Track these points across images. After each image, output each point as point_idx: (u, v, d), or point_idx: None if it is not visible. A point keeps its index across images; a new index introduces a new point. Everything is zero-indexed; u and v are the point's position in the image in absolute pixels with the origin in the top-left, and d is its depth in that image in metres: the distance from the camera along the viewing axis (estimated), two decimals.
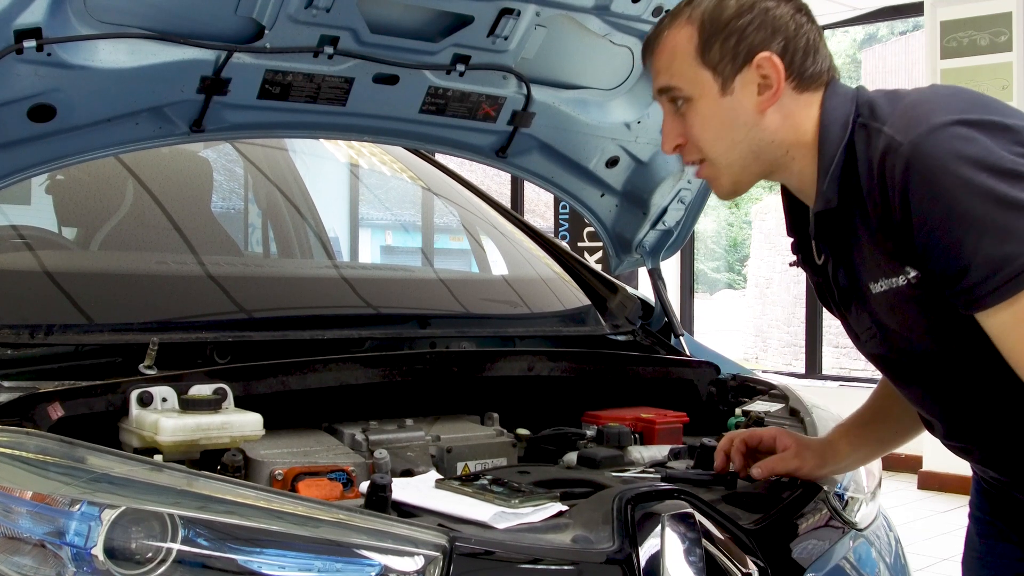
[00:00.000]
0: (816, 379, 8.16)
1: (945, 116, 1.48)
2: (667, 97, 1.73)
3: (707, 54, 1.66)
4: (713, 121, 1.69)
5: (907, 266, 1.54)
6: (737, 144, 1.68)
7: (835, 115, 1.64)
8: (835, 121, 1.63)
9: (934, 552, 5.32)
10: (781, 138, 1.67)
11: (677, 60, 1.69)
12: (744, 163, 1.70)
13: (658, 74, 1.73)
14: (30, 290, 2.18)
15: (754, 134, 1.67)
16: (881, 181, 1.52)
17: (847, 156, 1.59)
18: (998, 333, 1.48)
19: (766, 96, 1.65)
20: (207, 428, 1.75)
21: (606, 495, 1.69)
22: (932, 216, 1.46)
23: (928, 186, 1.46)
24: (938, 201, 1.45)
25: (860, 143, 1.58)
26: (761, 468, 1.96)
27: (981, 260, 1.43)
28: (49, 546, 1.40)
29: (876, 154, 1.53)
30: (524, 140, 2.52)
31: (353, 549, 1.44)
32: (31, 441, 1.55)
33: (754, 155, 1.69)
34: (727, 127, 1.68)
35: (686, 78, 1.69)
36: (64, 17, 1.82)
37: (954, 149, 1.45)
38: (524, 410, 2.33)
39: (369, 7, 2.07)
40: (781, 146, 1.68)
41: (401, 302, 2.68)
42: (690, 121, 1.70)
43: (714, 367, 2.57)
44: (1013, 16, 6.53)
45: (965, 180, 1.43)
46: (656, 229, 2.74)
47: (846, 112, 1.63)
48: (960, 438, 1.74)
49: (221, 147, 3.22)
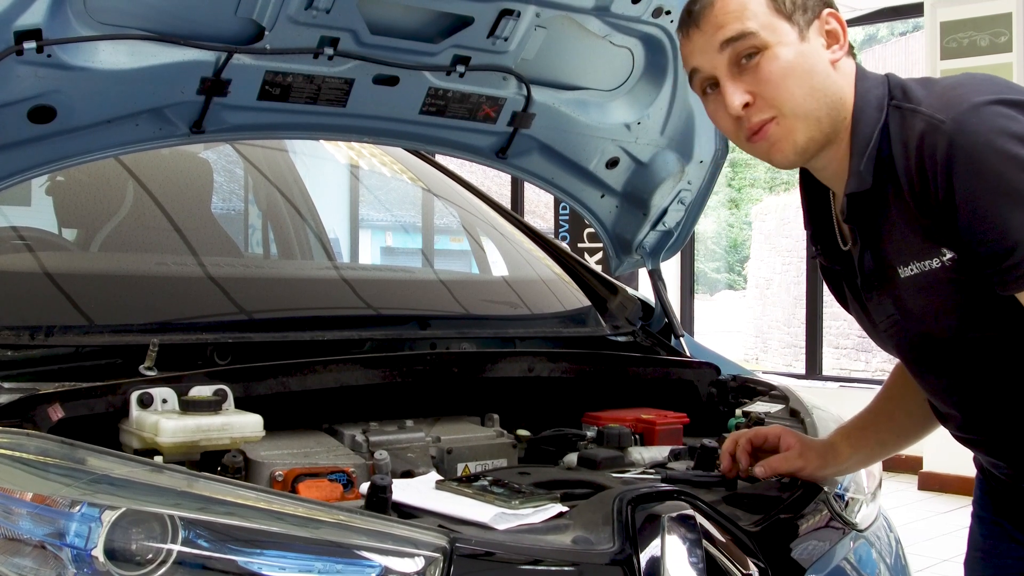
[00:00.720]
0: (816, 380, 8.16)
1: (985, 96, 1.48)
2: (733, 50, 1.63)
3: (782, 4, 1.62)
4: (795, 67, 1.61)
5: (943, 247, 1.53)
6: (816, 92, 1.62)
7: (869, 95, 1.62)
8: (869, 101, 1.61)
9: (935, 553, 5.32)
10: (845, 99, 1.63)
11: (750, 8, 1.62)
12: (819, 116, 1.63)
13: (724, 25, 1.63)
14: (30, 291, 2.18)
15: (830, 85, 1.62)
16: (920, 161, 1.51)
17: (882, 137, 1.58)
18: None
19: (835, 50, 1.63)
20: (207, 429, 1.75)
21: (606, 496, 1.69)
22: (978, 193, 1.45)
23: (973, 163, 1.45)
24: (984, 178, 1.44)
25: (895, 124, 1.57)
26: (764, 467, 1.95)
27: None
28: (49, 547, 1.39)
29: (913, 134, 1.52)
30: (524, 141, 2.52)
31: (353, 550, 1.44)
32: (31, 442, 1.55)
33: (827, 109, 1.63)
34: (809, 74, 1.62)
35: (762, 25, 1.61)
36: (64, 18, 1.83)
37: (998, 126, 1.44)
38: (524, 411, 2.33)
39: (369, 8, 2.07)
40: (845, 108, 1.63)
41: (401, 303, 2.68)
42: (766, 72, 1.61)
43: (714, 368, 2.57)
44: (1013, 17, 6.53)
45: (1012, 155, 1.43)
46: (656, 230, 2.74)
47: (880, 94, 1.61)
48: (976, 430, 1.72)
49: (221, 148, 3.22)
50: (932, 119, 1.50)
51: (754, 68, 1.62)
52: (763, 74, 1.61)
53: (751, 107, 1.63)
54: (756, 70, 1.62)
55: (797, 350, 12.95)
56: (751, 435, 2.00)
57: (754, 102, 1.63)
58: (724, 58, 1.63)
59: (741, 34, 1.62)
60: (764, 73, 1.61)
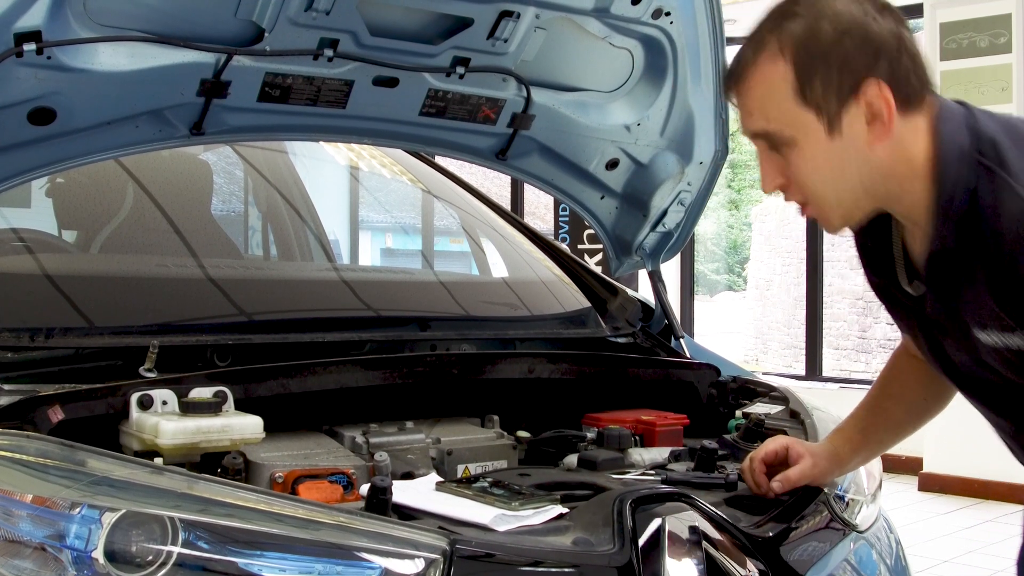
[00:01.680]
0: (816, 381, 8.16)
1: None
2: (764, 142, 1.56)
3: (807, 92, 1.49)
4: (821, 164, 1.52)
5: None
6: (848, 184, 1.53)
7: (951, 147, 1.49)
8: (951, 154, 1.49)
9: (935, 554, 5.32)
10: (895, 172, 1.52)
11: (772, 101, 1.52)
12: (855, 200, 1.55)
13: (749, 115, 1.56)
14: (30, 293, 2.18)
15: (865, 171, 1.52)
16: (1019, 245, 1.43)
17: (969, 198, 1.47)
18: None
19: (877, 128, 1.49)
20: (207, 431, 1.75)
21: (607, 498, 1.69)
22: None
23: None
24: None
25: (986, 191, 1.46)
26: (782, 482, 1.91)
27: None
28: (49, 549, 1.39)
29: (1008, 214, 1.43)
30: (524, 142, 2.52)
31: (353, 552, 1.44)
32: (31, 444, 1.55)
33: (865, 191, 1.54)
34: (836, 168, 1.52)
35: (785, 121, 1.52)
36: (64, 20, 1.83)
37: None
38: (524, 412, 2.33)
39: (369, 10, 2.07)
40: (894, 179, 1.53)
41: (401, 305, 2.68)
42: (794, 164, 1.54)
43: (714, 369, 2.57)
44: (1013, 18, 6.53)
45: None
46: (656, 231, 2.74)
47: (961, 144, 1.48)
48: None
49: (221, 150, 3.22)
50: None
51: (785, 155, 1.55)
52: (791, 166, 1.55)
53: (786, 190, 1.59)
54: (785, 157, 1.55)
55: (797, 351, 12.95)
56: (762, 455, 1.95)
57: (787, 186, 1.58)
58: (759, 140, 1.58)
59: (764, 132, 1.55)
60: (792, 166, 1.55)
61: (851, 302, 14.04)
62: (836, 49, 1.47)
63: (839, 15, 1.48)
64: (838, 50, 1.47)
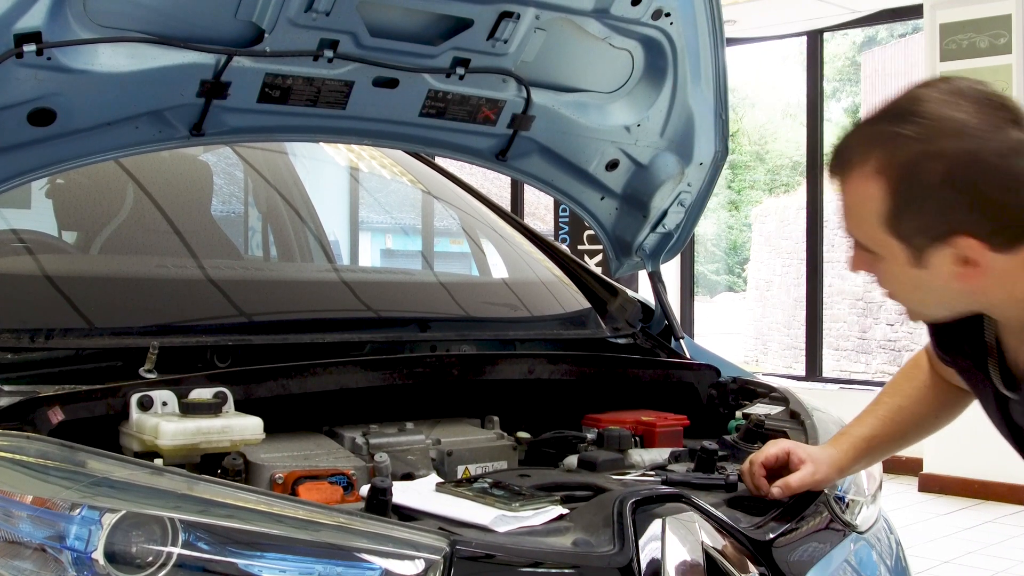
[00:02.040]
0: (816, 382, 8.16)
1: None
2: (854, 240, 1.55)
3: (898, 225, 1.44)
4: (904, 284, 1.52)
5: None
6: (929, 304, 1.54)
7: None
8: None
9: (935, 555, 5.32)
10: (988, 295, 1.49)
11: (864, 217, 1.48)
12: (939, 314, 1.58)
13: (845, 214, 1.53)
14: (30, 294, 2.18)
15: (950, 297, 1.51)
16: None
17: None
18: None
19: (966, 271, 1.44)
20: (207, 432, 1.75)
21: (607, 498, 1.69)
22: None
23: None
24: None
25: None
26: (781, 488, 1.90)
27: None
28: (50, 550, 1.39)
29: None
30: (524, 143, 2.52)
31: (354, 553, 1.44)
32: (31, 445, 1.55)
33: (949, 309, 1.55)
34: (917, 292, 1.52)
35: (872, 239, 1.49)
36: (64, 21, 1.82)
37: None
38: (524, 413, 2.33)
39: (369, 11, 2.07)
40: (985, 300, 1.51)
41: (401, 305, 2.67)
42: (878, 271, 1.54)
43: (714, 370, 2.57)
44: (1012, 18, 6.53)
45: None
46: (656, 232, 2.74)
47: None
48: None
49: (221, 151, 3.22)
50: None
51: (873, 259, 1.53)
52: (876, 272, 1.54)
53: (873, 279, 1.58)
54: (873, 263, 1.54)
55: (797, 352, 12.96)
56: (762, 459, 1.94)
57: (875, 278, 1.58)
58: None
59: (853, 236, 1.54)
60: (875, 270, 1.54)
61: (851, 303, 14.05)
62: (937, 194, 1.40)
63: (953, 151, 1.39)
64: (939, 196, 1.40)
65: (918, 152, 1.40)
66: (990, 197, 1.39)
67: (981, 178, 1.38)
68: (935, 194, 1.40)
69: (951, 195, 1.39)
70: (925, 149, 1.40)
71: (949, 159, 1.39)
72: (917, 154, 1.40)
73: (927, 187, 1.40)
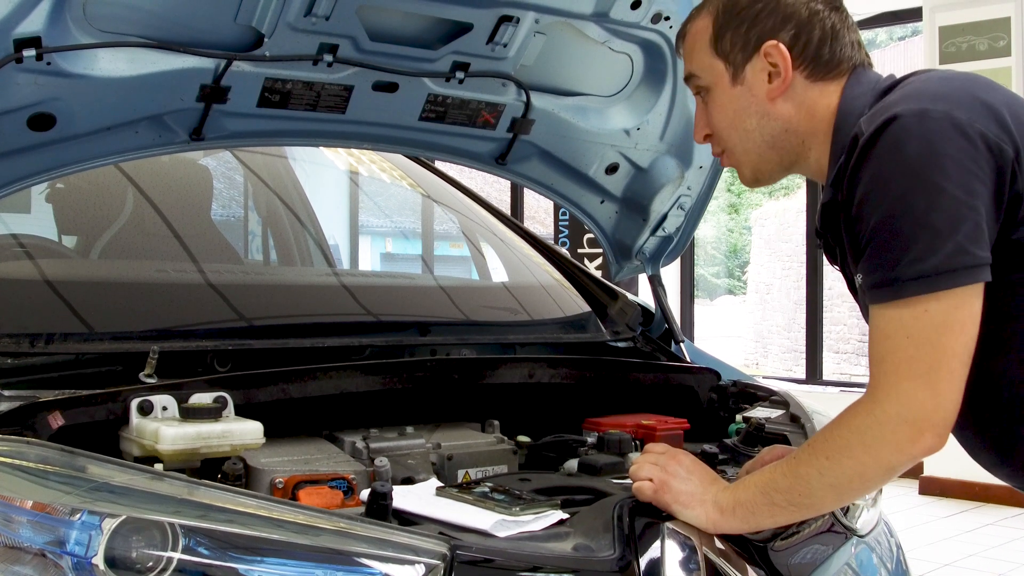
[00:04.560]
0: (817, 385, 8.15)
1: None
2: (692, 87, 1.78)
3: (720, 43, 1.70)
4: (726, 110, 1.72)
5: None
6: (750, 133, 1.72)
7: (852, 105, 1.64)
8: (851, 112, 1.64)
9: (935, 558, 5.32)
10: (795, 127, 1.69)
11: (696, 50, 1.74)
12: (760, 152, 1.73)
13: (685, 62, 1.78)
14: (30, 299, 2.18)
15: (766, 123, 1.70)
16: (857, 173, 1.54)
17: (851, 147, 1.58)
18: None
19: (776, 84, 1.67)
20: (207, 436, 1.75)
21: (607, 503, 1.69)
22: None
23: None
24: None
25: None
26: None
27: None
28: (50, 555, 1.39)
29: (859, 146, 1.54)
30: (524, 147, 2.52)
31: (354, 558, 1.44)
32: (31, 450, 1.55)
33: (768, 144, 1.72)
34: (739, 116, 1.71)
35: (703, 67, 1.73)
36: (63, 26, 1.83)
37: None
38: (525, 417, 2.33)
39: (368, 15, 2.07)
40: (795, 135, 1.70)
41: (401, 309, 2.67)
42: (710, 111, 1.75)
43: (715, 373, 2.57)
44: (1012, 21, 6.53)
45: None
46: (656, 235, 2.74)
47: (863, 104, 1.63)
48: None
49: (221, 155, 3.22)
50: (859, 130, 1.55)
51: (706, 103, 1.76)
52: (709, 115, 1.76)
53: (710, 140, 1.79)
54: (707, 106, 1.76)
55: (797, 355, 12.96)
56: (748, 467, 1.95)
57: (711, 136, 1.78)
58: (691, 89, 1.80)
59: (689, 75, 1.77)
60: (709, 114, 1.76)
61: (851, 305, 14.03)
62: (749, 10, 1.68)
63: None
64: (750, 11, 1.68)
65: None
66: (794, 11, 1.66)
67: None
68: (747, 10, 1.68)
69: (760, 7, 1.67)
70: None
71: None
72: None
73: (740, 8, 1.69)
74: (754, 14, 1.67)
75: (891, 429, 1.49)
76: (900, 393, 1.48)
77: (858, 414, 1.53)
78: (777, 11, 1.67)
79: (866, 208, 1.50)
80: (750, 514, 1.61)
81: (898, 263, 1.47)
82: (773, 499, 1.58)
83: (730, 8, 1.70)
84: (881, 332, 1.51)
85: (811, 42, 1.66)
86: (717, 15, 1.71)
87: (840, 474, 1.53)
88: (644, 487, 1.68)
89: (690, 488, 1.66)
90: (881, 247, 1.49)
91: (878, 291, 1.51)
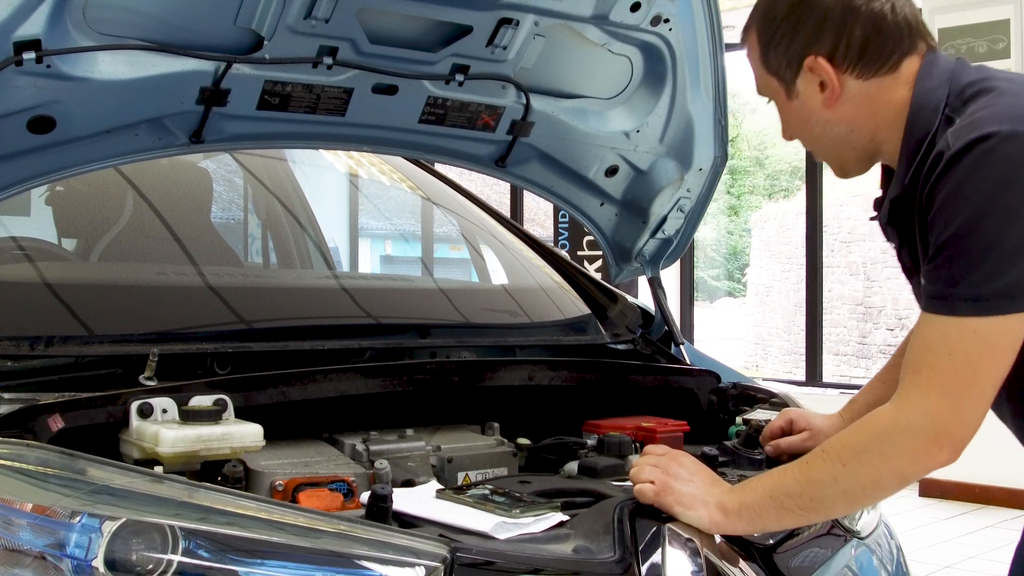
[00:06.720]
0: (816, 387, 8.16)
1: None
2: (765, 96, 1.79)
3: (768, 62, 1.72)
4: (792, 121, 1.75)
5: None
6: (820, 139, 1.74)
7: (926, 100, 1.62)
8: (924, 107, 1.62)
9: (936, 559, 5.32)
10: (859, 126, 1.69)
11: (754, 67, 1.76)
12: (836, 151, 1.75)
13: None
14: (30, 302, 2.18)
15: (830, 128, 1.71)
16: (940, 180, 1.53)
17: (929, 147, 1.58)
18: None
19: (827, 94, 1.66)
20: (207, 439, 1.75)
21: (607, 505, 1.69)
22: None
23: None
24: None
25: (940, 138, 1.56)
26: (773, 447, 2.11)
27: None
28: (50, 558, 1.39)
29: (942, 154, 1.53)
30: (523, 149, 2.52)
31: (354, 560, 1.44)
32: (31, 453, 1.55)
33: (840, 145, 1.73)
34: (804, 126, 1.74)
35: (763, 84, 1.76)
36: (63, 29, 1.83)
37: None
38: (525, 419, 2.33)
39: (368, 17, 2.07)
40: (862, 133, 1.70)
41: (401, 312, 2.67)
42: (782, 119, 1.78)
43: (715, 376, 2.57)
44: (1011, 23, 6.54)
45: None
46: (656, 238, 2.74)
47: (938, 99, 1.61)
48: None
49: (221, 158, 3.22)
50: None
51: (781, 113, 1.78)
52: (783, 122, 1.78)
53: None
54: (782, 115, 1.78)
55: (797, 357, 12.97)
56: (768, 432, 2.15)
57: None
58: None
59: (761, 93, 1.78)
60: (783, 122, 1.78)
61: (851, 308, 14.05)
62: (786, 23, 1.66)
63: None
64: (788, 24, 1.66)
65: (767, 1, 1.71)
66: (828, 16, 1.62)
67: (818, 2, 1.64)
68: (784, 25, 1.66)
69: (795, 20, 1.65)
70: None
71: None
72: (767, 2, 1.71)
73: (779, 21, 1.67)
74: (791, 27, 1.65)
75: (911, 438, 1.50)
76: (928, 407, 1.50)
77: (881, 420, 1.55)
78: (811, 18, 1.64)
79: (940, 220, 1.51)
80: (756, 517, 1.62)
81: (959, 282, 1.48)
82: (782, 503, 1.59)
83: (767, 24, 1.69)
84: (924, 342, 1.53)
85: (852, 44, 1.63)
86: (760, 30, 1.71)
87: (855, 481, 1.55)
88: (645, 489, 1.68)
89: (692, 489, 1.66)
90: (946, 261, 1.50)
91: (933, 302, 1.52)
